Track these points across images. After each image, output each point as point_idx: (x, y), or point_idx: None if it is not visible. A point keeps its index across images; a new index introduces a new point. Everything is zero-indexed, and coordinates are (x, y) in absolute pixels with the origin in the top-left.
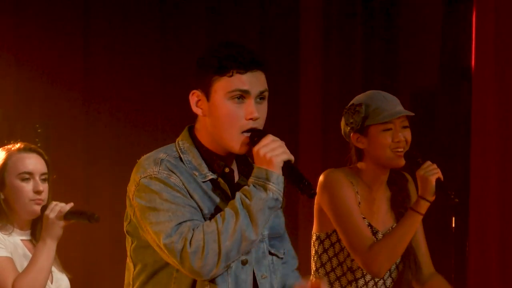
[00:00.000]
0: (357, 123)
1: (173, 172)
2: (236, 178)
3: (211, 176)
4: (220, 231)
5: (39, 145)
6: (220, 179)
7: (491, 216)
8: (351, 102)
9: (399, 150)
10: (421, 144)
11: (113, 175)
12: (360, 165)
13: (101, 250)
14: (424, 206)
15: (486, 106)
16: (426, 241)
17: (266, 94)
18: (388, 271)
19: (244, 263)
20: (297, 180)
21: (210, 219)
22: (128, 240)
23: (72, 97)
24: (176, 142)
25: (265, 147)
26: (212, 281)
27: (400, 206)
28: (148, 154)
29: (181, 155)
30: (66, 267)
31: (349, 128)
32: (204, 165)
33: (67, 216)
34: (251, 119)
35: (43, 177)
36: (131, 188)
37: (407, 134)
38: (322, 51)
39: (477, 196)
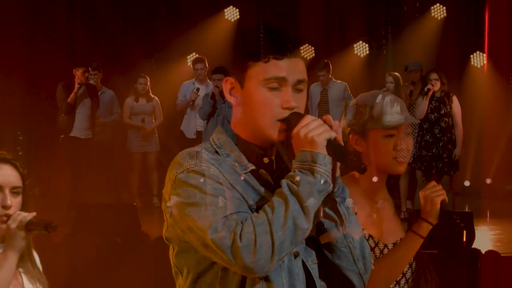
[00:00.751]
0: (359, 125)
1: (211, 164)
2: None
3: (251, 167)
4: (271, 221)
5: (20, 153)
6: (262, 170)
7: None
8: (354, 101)
9: (400, 158)
10: (432, 148)
11: (98, 183)
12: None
13: (86, 264)
14: (426, 229)
15: (499, 107)
16: (438, 254)
17: (305, 84)
18: (398, 285)
19: (296, 255)
20: (344, 157)
21: (256, 210)
22: (170, 248)
23: (56, 104)
24: (210, 139)
25: (305, 127)
26: (265, 278)
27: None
28: (181, 151)
29: (218, 150)
30: (50, 282)
31: (349, 128)
32: (243, 157)
33: (28, 226)
34: (287, 108)
35: (14, 190)
36: (167, 188)
37: (409, 141)
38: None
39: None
